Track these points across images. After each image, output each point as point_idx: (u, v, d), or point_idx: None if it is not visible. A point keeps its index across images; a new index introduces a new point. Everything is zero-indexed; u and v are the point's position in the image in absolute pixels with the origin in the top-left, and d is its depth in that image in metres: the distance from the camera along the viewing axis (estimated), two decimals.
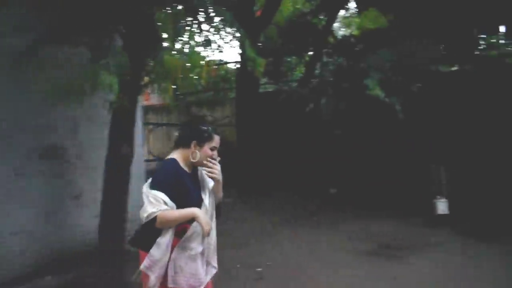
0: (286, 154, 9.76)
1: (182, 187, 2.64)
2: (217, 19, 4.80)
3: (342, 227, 7.48)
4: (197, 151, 2.70)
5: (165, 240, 2.54)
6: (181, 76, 4.42)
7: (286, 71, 13.36)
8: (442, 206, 7.17)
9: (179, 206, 2.57)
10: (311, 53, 10.72)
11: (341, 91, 7.36)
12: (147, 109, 10.64)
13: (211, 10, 4.61)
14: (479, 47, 12.75)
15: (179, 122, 11.17)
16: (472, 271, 5.15)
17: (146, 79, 4.78)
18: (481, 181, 8.16)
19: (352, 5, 12.29)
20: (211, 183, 2.81)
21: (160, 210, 2.49)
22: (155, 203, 2.50)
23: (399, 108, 7.15)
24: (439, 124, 8.11)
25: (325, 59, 9.67)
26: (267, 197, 9.29)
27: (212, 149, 2.75)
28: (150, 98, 11.45)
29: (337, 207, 8.76)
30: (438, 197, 7.34)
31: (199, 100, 12.12)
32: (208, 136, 2.74)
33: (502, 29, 12.69)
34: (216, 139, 2.77)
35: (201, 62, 4.56)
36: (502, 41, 13.03)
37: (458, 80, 9.13)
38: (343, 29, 12.97)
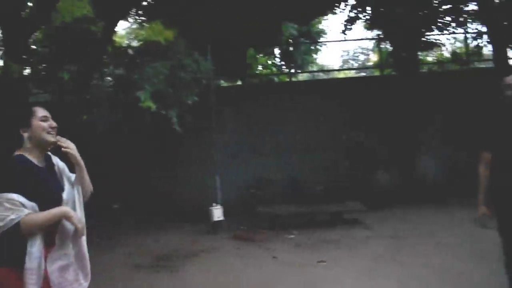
0: None
1: (38, 184, 2.25)
2: None
3: (123, 242, 7.28)
4: (26, 134, 2.33)
5: (36, 248, 2.17)
6: None
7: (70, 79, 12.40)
8: (217, 213, 7.55)
9: (39, 206, 2.20)
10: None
11: (117, 102, 7.15)
12: None
13: None
14: (259, 66, 14.23)
15: None
16: (242, 269, 5.53)
17: None
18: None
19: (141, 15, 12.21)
20: (73, 176, 2.47)
21: (21, 215, 2.11)
22: (12, 207, 2.11)
23: (175, 121, 7.29)
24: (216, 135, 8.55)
25: (108, 69, 9.33)
26: None
27: (43, 120, 2.36)
28: None
29: (119, 222, 8.48)
30: (214, 204, 7.72)
31: None
32: (27, 112, 2.38)
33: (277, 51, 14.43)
34: (38, 109, 2.40)
35: None
36: (276, 62, 14.82)
37: (237, 94, 10.04)
38: (130, 40, 12.78)
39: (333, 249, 6.21)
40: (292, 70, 12.81)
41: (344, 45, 44.73)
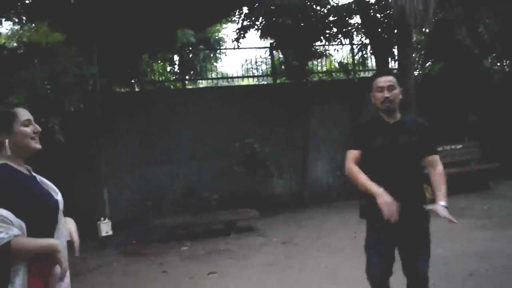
0: None
1: (29, 195, 1.96)
2: None
3: None
4: (6, 141, 2.00)
5: (22, 278, 1.85)
6: None
7: None
8: (105, 227, 7.09)
9: (30, 221, 1.89)
10: None
11: None
12: None
13: None
14: (155, 73, 13.81)
15: None
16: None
17: None
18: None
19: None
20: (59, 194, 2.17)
21: (11, 234, 1.80)
22: (2, 225, 1.80)
23: (57, 129, 6.72)
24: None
25: None
26: None
27: (25, 125, 2.05)
28: None
29: None
30: (102, 218, 7.24)
31: None
32: (9, 115, 2.04)
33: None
34: (21, 111, 2.08)
35: None
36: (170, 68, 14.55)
37: (130, 101, 9.67)
38: (10, 41, 11.74)
39: (226, 259, 6.11)
40: (188, 77, 12.64)
41: (246, 53, 45.42)
